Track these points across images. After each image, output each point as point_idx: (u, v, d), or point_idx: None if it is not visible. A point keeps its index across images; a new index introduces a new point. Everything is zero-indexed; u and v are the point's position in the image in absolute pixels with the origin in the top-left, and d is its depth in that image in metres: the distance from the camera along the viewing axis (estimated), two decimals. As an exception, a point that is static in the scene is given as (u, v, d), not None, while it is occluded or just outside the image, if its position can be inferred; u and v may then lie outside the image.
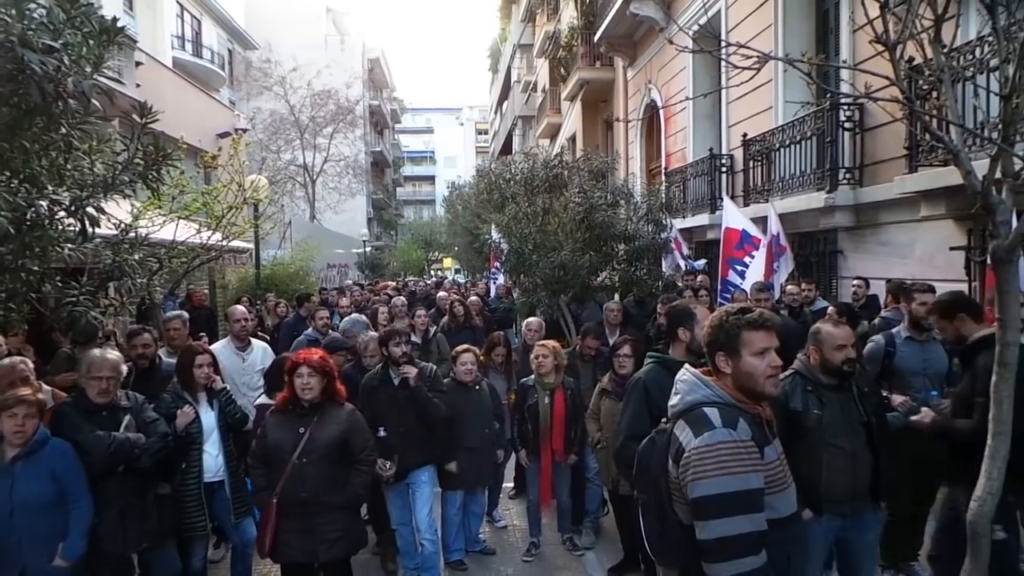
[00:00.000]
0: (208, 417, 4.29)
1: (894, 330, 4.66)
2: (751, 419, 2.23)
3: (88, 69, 3.10)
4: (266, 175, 14.50)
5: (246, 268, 14.00)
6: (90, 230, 3.68)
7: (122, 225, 5.11)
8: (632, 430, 3.37)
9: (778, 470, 2.26)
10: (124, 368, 3.98)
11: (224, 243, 7.53)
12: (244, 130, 16.07)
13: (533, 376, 5.25)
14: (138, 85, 11.68)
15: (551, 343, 5.32)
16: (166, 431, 3.90)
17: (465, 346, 5.31)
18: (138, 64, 12.63)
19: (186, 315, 6.05)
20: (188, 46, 24.25)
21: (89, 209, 3.53)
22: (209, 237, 7.15)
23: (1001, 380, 2.66)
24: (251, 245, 12.83)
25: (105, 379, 3.72)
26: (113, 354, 3.90)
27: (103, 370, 3.72)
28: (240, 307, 6.40)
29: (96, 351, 3.90)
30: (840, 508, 3.34)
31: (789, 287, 6.66)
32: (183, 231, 6.84)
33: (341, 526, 3.79)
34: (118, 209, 5.00)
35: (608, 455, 4.63)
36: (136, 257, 4.72)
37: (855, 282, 7.15)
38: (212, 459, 4.25)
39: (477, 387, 5.17)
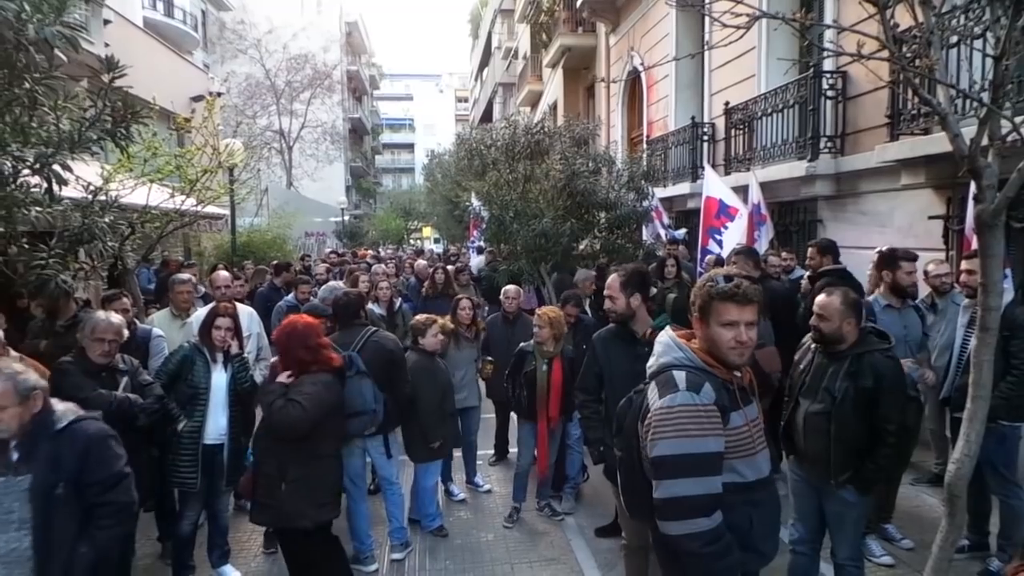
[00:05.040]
0: (220, 378, 4.29)
1: (871, 298, 4.69)
2: (720, 383, 2.24)
3: (51, 16, 2.96)
4: (241, 140, 14.17)
5: (222, 235, 13.76)
6: (57, 190, 3.57)
7: (91, 187, 4.98)
8: (579, 382, 3.95)
9: (744, 435, 2.27)
10: (126, 332, 4.03)
11: (199, 208, 7.36)
12: (219, 93, 15.67)
13: (532, 342, 5.23)
14: (107, 44, 11.27)
15: (549, 312, 5.25)
16: (161, 393, 4.01)
17: (430, 317, 5.30)
18: (106, 23, 12.20)
19: (195, 279, 5.99)
20: (159, 5, 23.50)
21: (56, 167, 3.41)
22: (183, 202, 6.98)
23: (982, 344, 2.68)
24: (227, 211, 12.61)
25: (108, 341, 3.81)
26: (117, 317, 3.97)
27: (107, 332, 3.81)
28: (224, 272, 6.36)
29: (100, 313, 3.98)
30: (800, 464, 3.55)
31: (771, 258, 6.67)
32: (156, 195, 6.67)
33: (301, 499, 3.71)
34: (87, 171, 4.86)
35: None
36: (107, 220, 4.61)
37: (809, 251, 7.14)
38: (215, 422, 4.25)
39: (440, 356, 5.29)
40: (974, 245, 3.75)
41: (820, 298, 3.43)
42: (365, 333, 4.62)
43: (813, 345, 3.53)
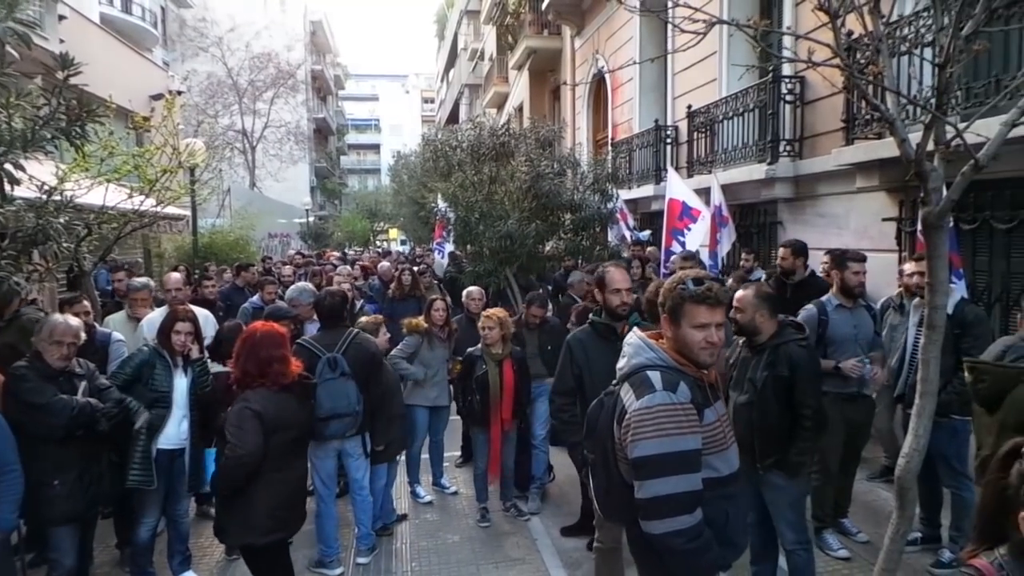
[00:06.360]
0: (181, 382, 4.25)
1: (824, 298, 4.80)
2: (693, 382, 2.28)
3: (3, 12, 2.89)
4: (202, 140, 13.93)
5: (183, 236, 13.51)
6: (9, 189, 3.48)
7: (46, 187, 4.86)
8: (556, 386, 3.91)
9: (718, 431, 2.31)
10: (83, 335, 3.94)
11: (158, 208, 7.22)
12: (179, 92, 15.38)
13: (480, 346, 5.23)
14: (62, 41, 11.00)
15: (497, 313, 5.27)
16: (120, 397, 3.93)
17: (376, 317, 5.29)
18: (61, 19, 11.90)
19: (152, 284, 5.88)
20: (117, 1, 22.99)
21: (8, 166, 3.32)
22: (142, 202, 6.83)
23: (929, 342, 2.77)
24: (187, 212, 12.38)
25: (67, 345, 3.72)
26: (75, 320, 3.88)
27: (66, 336, 3.72)
28: (175, 275, 6.24)
29: (58, 316, 3.87)
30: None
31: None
32: (113, 195, 6.52)
33: (228, 515, 3.52)
34: (41, 170, 4.74)
35: None
36: (62, 221, 4.49)
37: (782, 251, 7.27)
38: (176, 426, 4.19)
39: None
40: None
41: (738, 292, 3.68)
42: (348, 335, 4.59)
43: (741, 341, 3.73)
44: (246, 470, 3.30)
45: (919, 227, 5.00)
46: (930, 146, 2.65)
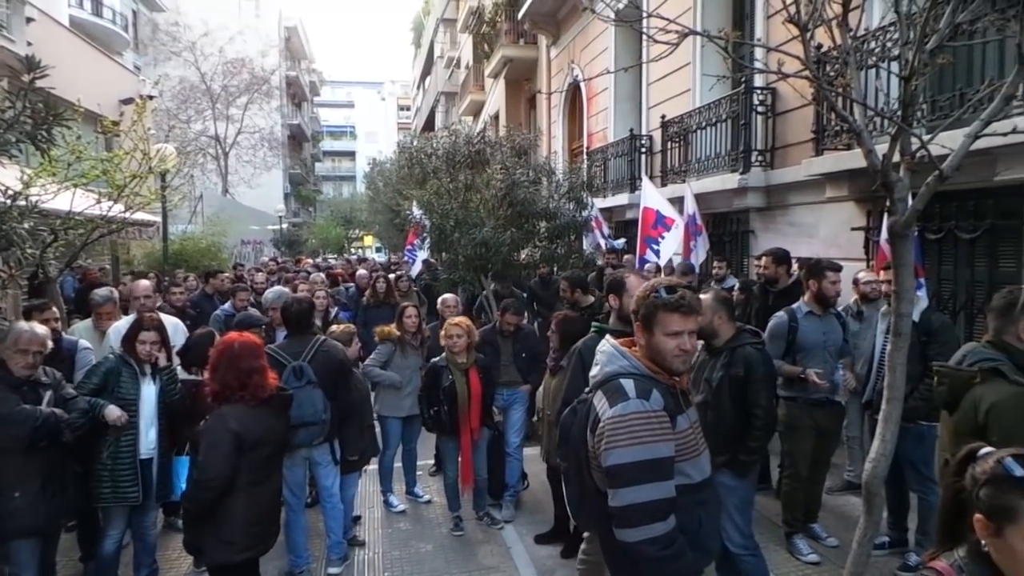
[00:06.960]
0: (149, 391, 4.16)
1: (795, 306, 4.87)
2: (665, 389, 2.29)
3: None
4: (174, 145, 13.74)
5: (153, 243, 13.29)
6: (-29, 194, 3.39)
7: (9, 192, 4.75)
8: (567, 395, 3.71)
9: (690, 438, 2.32)
10: (50, 344, 3.84)
11: (127, 214, 7.08)
12: (151, 96, 15.16)
13: (444, 356, 5.16)
14: (29, 43, 10.84)
15: (463, 321, 5.24)
16: (86, 407, 3.82)
17: (349, 326, 5.27)
18: (29, 20, 11.72)
19: (117, 296, 5.77)
20: (87, 4, 22.64)
21: (-31, 171, 3.24)
22: (110, 208, 6.70)
23: (895, 349, 2.82)
24: (158, 218, 12.20)
25: (33, 353, 3.63)
26: (42, 328, 3.77)
27: (32, 344, 3.62)
28: (144, 282, 6.14)
29: (24, 324, 3.77)
30: None
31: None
32: (80, 201, 6.39)
33: (202, 534, 3.43)
34: (6, 174, 4.64)
35: (544, 426, 4.71)
36: (26, 226, 4.39)
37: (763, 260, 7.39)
38: (144, 435, 4.11)
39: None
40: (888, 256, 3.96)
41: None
42: (315, 342, 4.53)
43: (700, 344, 3.77)
44: (213, 493, 3.24)
45: (883, 236, 5.11)
46: (896, 157, 2.71)
